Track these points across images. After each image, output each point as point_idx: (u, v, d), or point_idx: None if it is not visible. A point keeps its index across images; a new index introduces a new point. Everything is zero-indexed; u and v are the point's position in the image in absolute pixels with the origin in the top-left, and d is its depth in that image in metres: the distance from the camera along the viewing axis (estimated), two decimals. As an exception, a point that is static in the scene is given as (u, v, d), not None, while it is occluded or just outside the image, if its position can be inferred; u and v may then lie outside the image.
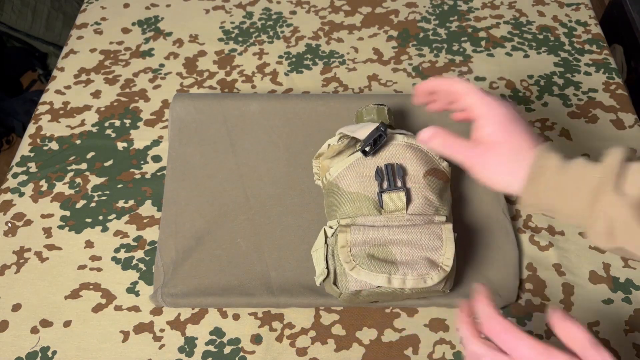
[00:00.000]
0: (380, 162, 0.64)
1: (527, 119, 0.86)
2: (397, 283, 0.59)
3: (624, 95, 0.89)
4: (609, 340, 0.65)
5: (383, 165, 0.64)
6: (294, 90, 0.91)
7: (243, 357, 0.64)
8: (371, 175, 0.64)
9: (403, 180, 0.63)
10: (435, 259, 0.60)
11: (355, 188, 0.64)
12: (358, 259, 0.60)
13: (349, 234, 0.61)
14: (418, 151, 0.65)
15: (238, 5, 1.05)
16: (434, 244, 0.61)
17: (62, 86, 0.93)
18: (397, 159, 0.64)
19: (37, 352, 0.65)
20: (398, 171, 0.63)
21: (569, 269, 0.70)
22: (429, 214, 0.63)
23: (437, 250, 0.60)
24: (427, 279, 0.59)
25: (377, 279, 0.59)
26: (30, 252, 0.73)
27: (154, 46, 0.98)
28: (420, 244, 0.61)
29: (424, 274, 0.59)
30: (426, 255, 0.60)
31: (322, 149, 0.68)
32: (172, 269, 0.69)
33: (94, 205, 0.77)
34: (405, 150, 0.65)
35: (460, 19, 1.02)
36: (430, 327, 0.66)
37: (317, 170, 0.71)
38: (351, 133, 0.65)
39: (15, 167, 0.82)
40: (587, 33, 0.99)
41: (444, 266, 0.60)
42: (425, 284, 0.59)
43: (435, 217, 0.63)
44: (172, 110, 0.79)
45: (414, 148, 0.65)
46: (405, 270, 0.59)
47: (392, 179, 0.63)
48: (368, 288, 0.60)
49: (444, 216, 0.63)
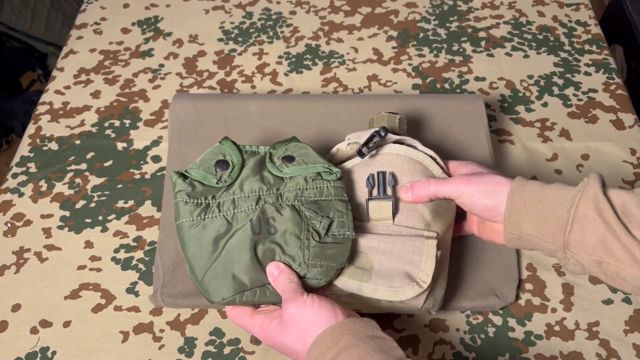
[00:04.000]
0: (374, 169, 0.63)
1: (527, 119, 0.86)
2: (367, 292, 0.57)
3: (624, 95, 0.89)
4: (609, 340, 0.65)
5: (376, 172, 0.62)
6: (294, 91, 0.91)
7: (243, 357, 0.64)
8: (364, 181, 0.62)
9: (394, 189, 0.61)
10: (413, 274, 0.58)
11: (349, 193, 0.62)
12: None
13: None
14: (417, 164, 0.62)
15: (238, 6, 1.05)
16: (413, 258, 0.58)
17: (62, 86, 0.93)
18: (392, 168, 0.62)
19: (37, 353, 0.65)
20: (389, 180, 0.61)
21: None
22: (418, 227, 0.60)
23: (416, 265, 0.58)
24: (400, 292, 0.57)
25: (348, 284, 0.58)
26: (30, 252, 0.73)
27: (153, 46, 0.98)
28: (400, 256, 0.58)
29: (398, 287, 0.57)
30: (405, 268, 0.58)
31: (332, 152, 0.67)
32: (171, 270, 0.69)
33: (93, 206, 0.77)
34: (402, 161, 0.62)
35: (460, 19, 1.02)
36: (430, 327, 0.66)
37: None
38: (356, 138, 0.64)
39: (15, 168, 0.82)
40: (587, 33, 0.99)
41: (421, 282, 0.57)
42: (397, 297, 0.57)
43: (425, 232, 0.60)
44: (172, 110, 0.79)
45: (412, 160, 0.63)
46: (378, 280, 0.57)
47: (381, 187, 0.61)
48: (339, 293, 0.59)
49: (434, 232, 0.60)
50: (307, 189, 0.60)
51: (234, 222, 0.58)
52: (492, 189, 0.56)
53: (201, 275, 0.57)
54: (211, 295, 0.57)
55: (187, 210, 0.58)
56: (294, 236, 0.57)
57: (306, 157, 0.61)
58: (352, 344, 0.48)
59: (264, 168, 0.61)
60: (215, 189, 0.59)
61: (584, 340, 0.65)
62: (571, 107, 0.88)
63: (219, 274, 0.56)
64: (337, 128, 0.78)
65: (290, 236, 0.57)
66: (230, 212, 0.58)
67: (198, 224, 0.58)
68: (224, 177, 0.60)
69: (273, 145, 0.63)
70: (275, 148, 0.62)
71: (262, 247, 0.57)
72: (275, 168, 0.61)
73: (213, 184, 0.59)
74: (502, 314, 0.67)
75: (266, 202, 0.59)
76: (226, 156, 0.61)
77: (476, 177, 0.58)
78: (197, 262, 0.57)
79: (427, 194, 0.59)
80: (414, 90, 0.90)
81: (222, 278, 0.56)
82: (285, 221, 0.58)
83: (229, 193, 0.59)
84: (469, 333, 0.66)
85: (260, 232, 0.57)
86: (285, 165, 0.61)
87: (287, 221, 0.58)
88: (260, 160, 0.61)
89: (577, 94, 0.89)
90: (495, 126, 0.85)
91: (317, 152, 0.62)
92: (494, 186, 0.56)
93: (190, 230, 0.58)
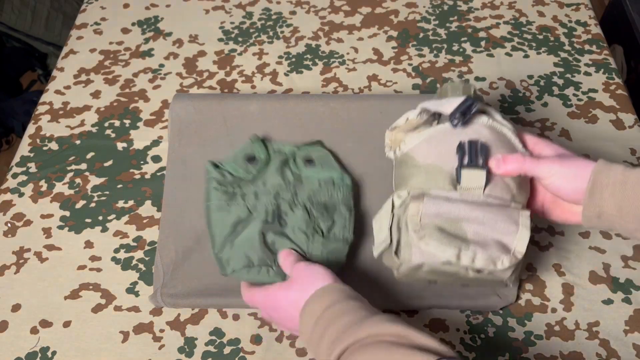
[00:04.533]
0: (462, 137, 0.60)
1: (527, 119, 0.86)
2: (466, 260, 0.56)
3: (624, 95, 0.89)
4: (609, 340, 0.65)
5: (466, 140, 0.60)
6: (294, 91, 0.91)
7: (243, 357, 0.64)
8: (452, 149, 0.60)
9: (485, 159, 0.59)
10: (508, 244, 0.56)
11: (433, 160, 0.60)
12: (428, 230, 0.56)
13: (422, 203, 0.58)
14: (501, 135, 0.61)
15: (238, 6, 1.05)
16: (509, 227, 0.56)
17: (62, 86, 0.93)
18: (480, 139, 0.60)
19: (37, 353, 0.65)
20: (481, 149, 0.59)
21: (569, 269, 0.70)
22: (506, 199, 0.59)
23: (511, 234, 0.57)
24: (498, 262, 0.55)
25: (446, 252, 0.56)
26: (30, 252, 0.73)
27: (153, 46, 0.98)
28: (495, 226, 0.57)
29: (495, 256, 0.56)
30: (499, 238, 0.56)
31: (399, 122, 0.65)
32: (171, 270, 0.69)
33: (93, 206, 0.77)
34: (489, 132, 0.61)
35: (460, 19, 1.02)
36: (430, 327, 0.66)
37: (389, 141, 0.66)
38: (435, 107, 0.62)
39: (15, 168, 0.82)
40: (587, 33, 0.99)
41: (517, 252, 0.56)
42: (495, 267, 0.56)
43: (512, 204, 0.59)
44: (172, 110, 0.79)
45: (497, 131, 0.61)
46: (476, 248, 0.56)
47: (474, 155, 0.59)
48: (432, 263, 0.57)
49: (520, 204, 0.59)
50: (320, 192, 0.70)
51: (254, 212, 0.68)
52: (580, 174, 0.55)
53: (219, 250, 0.67)
54: (224, 267, 0.66)
55: (216, 195, 0.69)
56: (301, 231, 0.66)
57: (325, 162, 0.72)
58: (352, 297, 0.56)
59: (287, 166, 0.72)
60: (242, 181, 0.70)
61: (584, 340, 0.65)
62: (571, 107, 0.88)
63: (234, 250, 0.66)
64: (337, 128, 0.78)
65: (298, 231, 0.66)
66: (252, 203, 0.69)
67: (224, 208, 0.68)
68: (251, 170, 0.71)
69: (298, 146, 0.74)
70: (300, 149, 0.73)
71: (272, 235, 0.66)
72: (297, 167, 0.72)
73: (241, 175, 0.71)
74: (502, 314, 0.67)
75: (283, 199, 0.69)
76: (255, 152, 0.73)
77: (567, 161, 0.56)
78: (217, 239, 0.67)
79: (518, 170, 0.57)
80: (414, 90, 0.90)
81: (235, 254, 0.66)
82: (296, 218, 0.67)
83: (254, 185, 0.70)
84: (469, 333, 0.66)
85: (273, 222, 0.67)
86: (305, 166, 0.71)
87: (297, 218, 0.67)
88: (284, 159, 0.72)
89: (577, 94, 0.89)
90: (495, 126, 0.85)
91: (335, 159, 0.73)
92: (583, 170, 0.55)
93: (217, 212, 0.68)
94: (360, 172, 0.74)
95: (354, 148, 0.76)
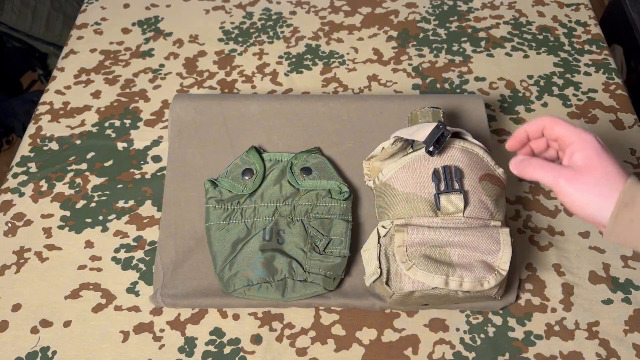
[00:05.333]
0: (436, 163, 0.63)
1: (527, 119, 0.86)
2: (454, 285, 0.59)
3: (624, 95, 0.89)
4: (609, 340, 0.65)
5: (440, 166, 0.63)
6: (294, 91, 0.91)
7: (243, 357, 0.64)
8: (427, 176, 0.63)
9: (460, 182, 0.63)
10: (492, 263, 0.60)
11: (411, 188, 0.63)
12: (415, 259, 0.60)
13: (406, 233, 0.61)
14: (473, 156, 0.64)
15: (238, 6, 1.05)
16: (491, 247, 0.60)
17: (62, 86, 0.93)
18: (453, 162, 0.63)
19: (37, 352, 0.65)
20: (455, 173, 0.63)
21: (568, 269, 0.71)
22: (485, 218, 0.62)
23: (494, 253, 0.60)
24: (484, 282, 0.59)
25: (434, 280, 0.59)
26: (30, 252, 0.73)
27: (154, 46, 0.98)
28: (478, 247, 0.60)
29: (481, 277, 0.59)
30: (483, 258, 0.60)
31: (375, 152, 0.68)
32: (171, 270, 0.69)
33: (94, 206, 0.77)
34: (461, 154, 0.64)
35: (460, 19, 1.02)
36: (430, 327, 0.66)
37: (367, 171, 0.70)
38: (409, 136, 0.64)
39: (15, 167, 0.82)
40: (586, 33, 0.99)
41: (501, 270, 0.60)
42: (482, 287, 0.59)
43: (491, 222, 0.62)
44: (172, 110, 0.79)
45: (469, 152, 0.64)
46: (462, 272, 0.59)
47: (449, 180, 0.62)
48: (422, 289, 0.60)
49: (499, 221, 0.63)
50: (317, 206, 0.70)
51: (252, 229, 0.69)
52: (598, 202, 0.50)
53: (219, 269, 0.67)
54: (225, 286, 0.67)
55: (215, 214, 0.70)
56: (299, 248, 0.67)
57: (322, 171, 0.72)
58: None
59: (284, 177, 0.72)
60: (240, 196, 0.71)
61: (584, 340, 0.65)
62: (571, 107, 0.88)
63: (233, 270, 0.67)
64: (337, 128, 0.78)
65: (296, 248, 0.67)
66: (250, 220, 0.69)
67: (223, 227, 0.69)
68: (249, 185, 0.71)
69: (295, 155, 0.73)
70: (297, 158, 0.73)
71: (270, 253, 0.67)
72: (294, 179, 0.71)
73: (239, 191, 0.71)
74: (502, 314, 0.67)
75: (281, 215, 0.69)
76: (251, 164, 0.73)
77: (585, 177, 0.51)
78: (219, 258, 0.68)
79: (534, 177, 0.54)
80: (414, 91, 0.90)
81: (235, 274, 0.66)
82: (293, 235, 0.68)
83: (252, 200, 0.70)
84: (469, 333, 0.66)
85: (271, 240, 0.68)
86: (302, 176, 0.71)
87: (295, 235, 0.68)
88: (281, 169, 0.72)
89: (577, 94, 0.89)
90: (495, 126, 0.85)
91: (333, 167, 0.73)
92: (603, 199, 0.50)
93: (217, 232, 0.69)
94: (360, 173, 0.74)
95: (354, 148, 0.77)
